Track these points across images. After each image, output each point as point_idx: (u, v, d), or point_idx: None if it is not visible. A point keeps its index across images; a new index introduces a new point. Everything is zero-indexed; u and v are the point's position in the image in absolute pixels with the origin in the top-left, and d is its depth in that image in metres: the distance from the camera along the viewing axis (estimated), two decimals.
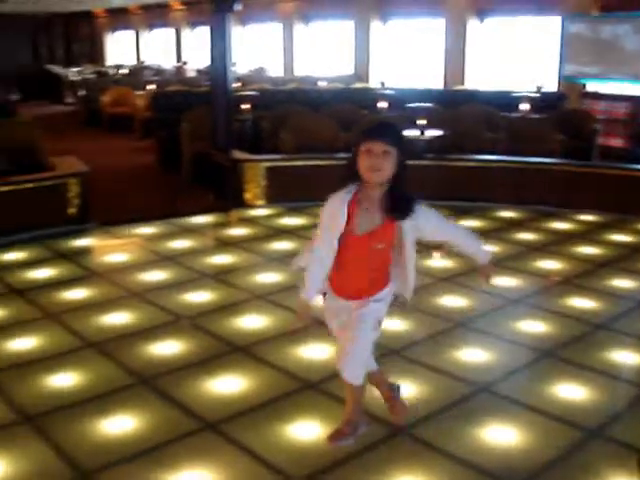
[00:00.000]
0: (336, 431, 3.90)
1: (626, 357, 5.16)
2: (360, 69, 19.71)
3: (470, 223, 8.45)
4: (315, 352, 5.02)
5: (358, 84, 18.03)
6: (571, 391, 4.62)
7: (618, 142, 12.74)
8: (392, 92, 14.65)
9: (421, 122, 10.05)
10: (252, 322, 5.67)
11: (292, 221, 8.65)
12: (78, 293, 6.28)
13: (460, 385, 4.69)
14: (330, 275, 3.65)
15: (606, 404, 4.50)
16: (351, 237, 3.46)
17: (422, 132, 10.05)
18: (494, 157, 9.86)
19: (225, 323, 5.64)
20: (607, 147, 12.08)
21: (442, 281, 6.62)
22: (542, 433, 4.15)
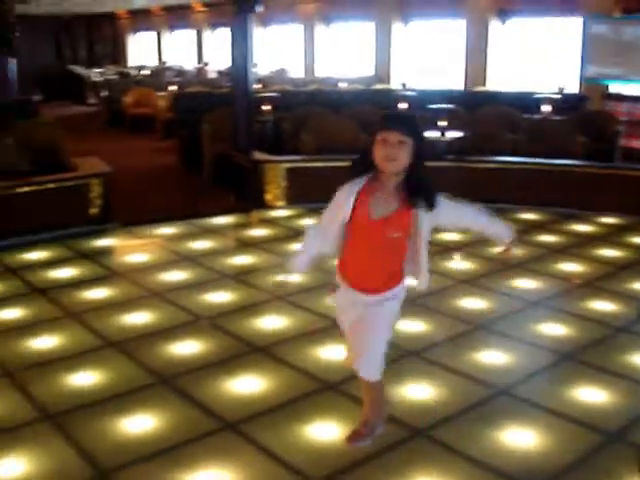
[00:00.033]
0: (354, 432, 3.91)
1: None
2: (381, 70, 19.67)
3: None
4: (334, 353, 5.01)
5: (379, 85, 18.00)
6: (591, 394, 4.60)
7: None
8: (413, 93, 14.64)
9: (442, 123, 10.04)
10: (272, 323, 5.69)
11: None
12: (99, 293, 6.33)
13: (479, 387, 4.67)
14: (345, 266, 3.65)
15: (627, 407, 4.47)
16: (366, 222, 3.42)
17: (443, 133, 10.04)
18: (515, 159, 9.81)
19: (245, 323, 5.66)
20: (630, 149, 11.96)
21: (462, 283, 6.61)
22: (561, 436, 4.14)
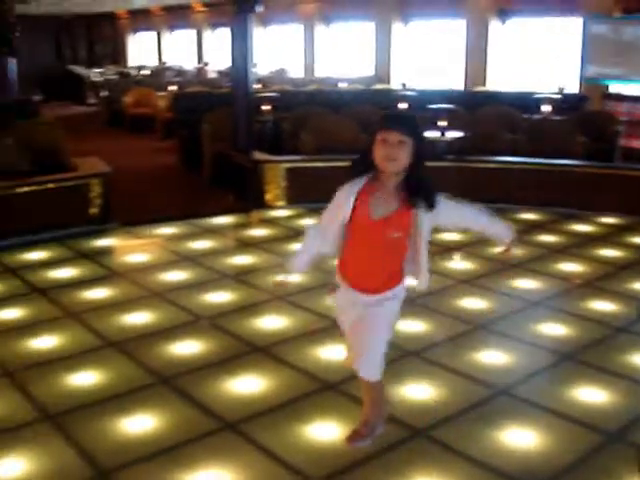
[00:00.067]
0: (354, 432, 3.90)
1: None
2: (381, 70, 19.67)
3: None
4: (334, 353, 5.01)
5: (379, 85, 18.00)
6: (591, 394, 4.60)
7: None
8: (413, 93, 14.64)
9: (442, 123, 10.04)
10: (272, 323, 5.69)
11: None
12: (99, 293, 6.33)
13: (479, 387, 4.67)
14: (345, 266, 3.65)
15: (627, 407, 4.47)
16: (366, 222, 3.42)
17: (443, 133, 10.04)
18: (515, 159, 9.81)
19: (245, 323, 5.66)
20: (630, 149, 11.96)
21: (462, 283, 6.61)
22: (562, 436, 4.14)
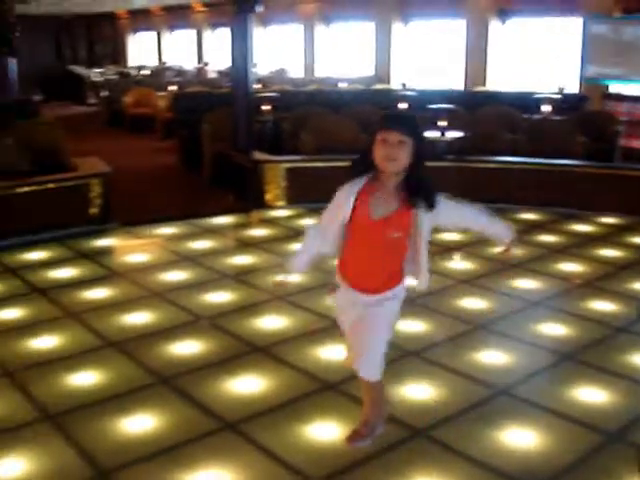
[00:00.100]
0: (354, 432, 3.90)
1: None
2: (381, 70, 19.68)
3: None
4: (334, 353, 5.01)
5: (379, 85, 18.00)
6: (591, 394, 4.60)
7: None
8: (413, 93, 14.64)
9: (442, 123, 10.04)
10: (272, 323, 5.69)
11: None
12: (99, 293, 6.33)
13: (479, 387, 4.67)
14: (345, 266, 3.64)
15: (626, 407, 4.47)
16: (366, 222, 3.42)
17: (443, 133, 10.04)
18: (515, 159, 9.80)
19: (245, 323, 5.66)
20: (630, 149, 11.97)
21: (462, 283, 6.61)
22: (562, 436, 4.14)
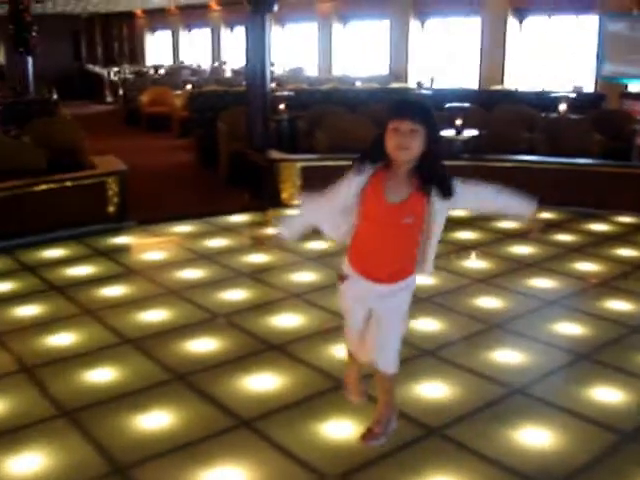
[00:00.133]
0: (368, 431, 3.88)
1: None
2: (396, 69, 19.66)
3: (507, 224, 8.40)
4: None
5: (395, 84, 17.98)
6: (607, 394, 4.59)
7: None
8: (429, 92, 14.61)
9: (458, 122, 10.02)
10: (287, 321, 5.71)
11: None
12: (116, 290, 6.38)
13: (494, 387, 4.67)
14: (356, 255, 3.56)
15: None
16: (379, 208, 3.36)
17: (458, 132, 10.02)
18: (532, 158, 9.78)
19: (261, 321, 5.68)
20: None
21: (478, 282, 6.60)
22: (577, 436, 4.13)
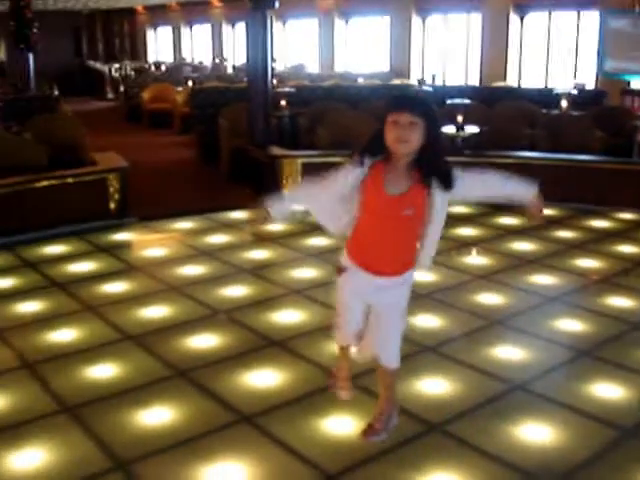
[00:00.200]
0: (369, 427, 3.88)
1: None
2: (397, 65, 19.64)
3: (508, 220, 8.41)
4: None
5: (397, 80, 17.95)
6: (607, 390, 4.59)
7: None
8: (430, 88, 14.61)
9: (459, 119, 10.02)
10: (288, 317, 5.72)
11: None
12: (117, 286, 6.38)
13: (495, 383, 4.68)
14: (357, 247, 3.54)
15: None
16: (380, 200, 3.35)
17: (459, 128, 10.02)
18: (533, 154, 9.77)
19: (262, 317, 5.69)
20: None
21: (479, 278, 6.60)
22: (577, 432, 4.14)
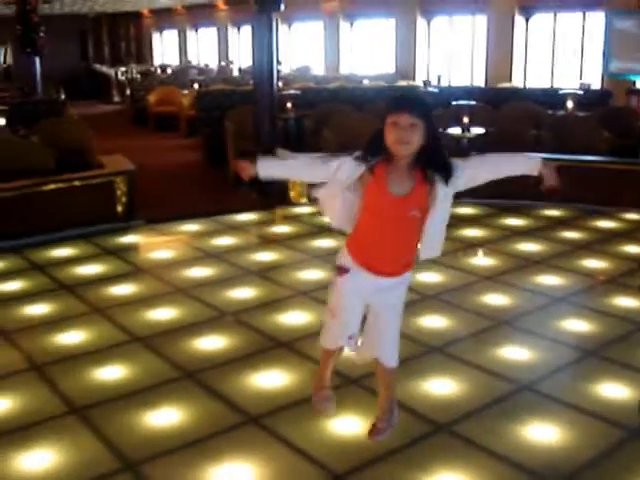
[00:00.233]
0: (373, 427, 3.86)
1: None
2: (403, 67, 19.65)
3: (515, 221, 8.42)
4: None
5: (402, 82, 17.97)
6: (614, 390, 4.59)
7: None
8: (436, 90, 14.61)
9: (465, 120, 10.03)
10: (295, 318, 5.73)
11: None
12: (125, 289, 6.41)
13: (502, 383, 4.69)
14: (359, 248, 3.50)
15: None
16: (384, 201, 3.31)
17: (465, 130, 10.03)
18: (539, 155, 9.73)
19: (268, 319, 5.71)
20: None
21: (485, 279, 6.60)
22: (584, 432, 4.15)
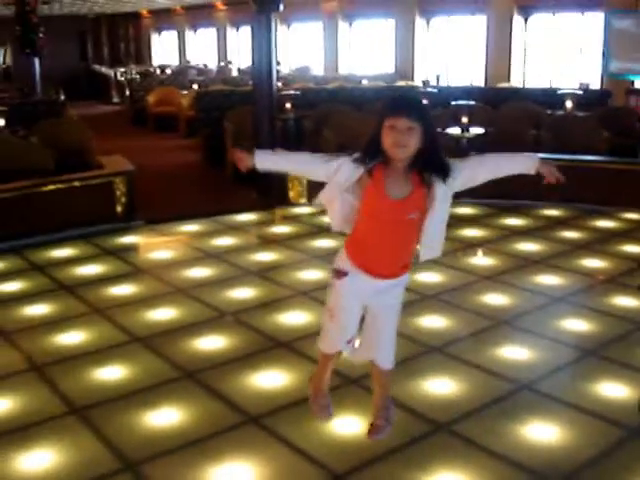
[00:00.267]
0: (372, 426, 3.85)
1: None
2: (402, 67, 19.66)
3: (514, 221, 8.43)
4: None
5: (401, 82, 17.98)
6: (613, 390, 4.60)
7: None
8: (435, 90, 14.60)
9: (464, 120, 10.04)
10: (295, 318, 5.74)
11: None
12: (125, 289, 6.42)
13: (502, 382, 4.69)
14: (357, 250, 3.49)
15: None
16: (382, 204, 3.30)
17: (464, 130, 10.04)
18: (538, 155, 9.75)
19: (268, 319, 5.71)
20: None
21: (485, 279, 6.61)
22: (584, 431, 4.15)
